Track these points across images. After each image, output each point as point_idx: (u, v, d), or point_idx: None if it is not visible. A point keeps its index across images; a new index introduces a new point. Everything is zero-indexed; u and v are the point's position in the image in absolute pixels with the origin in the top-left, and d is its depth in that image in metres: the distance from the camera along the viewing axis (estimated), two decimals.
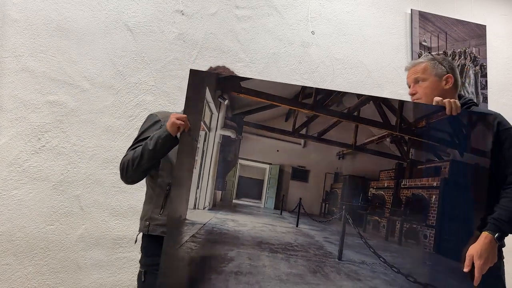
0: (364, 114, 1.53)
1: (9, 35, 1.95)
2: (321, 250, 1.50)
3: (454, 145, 1.53)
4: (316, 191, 1.54)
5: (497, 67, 3.39)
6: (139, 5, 2.23)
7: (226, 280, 1.37)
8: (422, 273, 1.47)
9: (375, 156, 1.54)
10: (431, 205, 1.52)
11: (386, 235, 1.54)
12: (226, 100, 1.52)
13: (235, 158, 1.52)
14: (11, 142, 1.93)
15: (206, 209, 1.51)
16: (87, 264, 2.04)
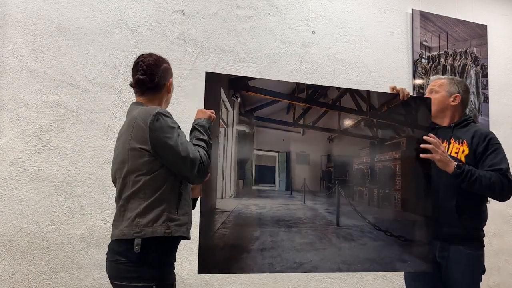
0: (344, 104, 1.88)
1: (10, 35, 1.95)
2: (324, 220, 1.81)
3: (407, 124, 1.92)
4: (315, 171, 1.84)
5: (498, 67, 3.39)
6: (140, 5, 2.23)
7: (254, 257, 1.64)
8: (395, 228, 1.85)
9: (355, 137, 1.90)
10: (396, 173, 1.90)
11: (368, 201, 1.89)
12: (239, 98, 1.74)
13: (251, 150, 1.77)
14: (12, 142, 1.93)
15: (232, 197, 1.74)
16: (88, 264, 2.04)
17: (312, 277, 2.60)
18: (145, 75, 1.58)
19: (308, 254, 1.72)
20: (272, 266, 1.67)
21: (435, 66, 3.08)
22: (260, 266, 1.65)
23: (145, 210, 1.49)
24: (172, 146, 1.47)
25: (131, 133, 1.52)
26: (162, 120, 1.48)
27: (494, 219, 3.28)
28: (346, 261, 1.76)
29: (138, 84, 1.59)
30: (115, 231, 1.58)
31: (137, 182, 1.51)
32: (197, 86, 2.31)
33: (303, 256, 1.71)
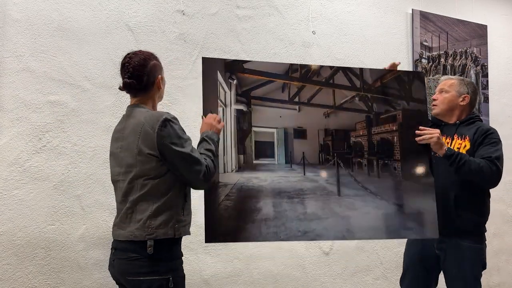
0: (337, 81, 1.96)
1: (10, 35, 1.95)
2: (324, 190, 1.87)
3: (401, 98, 2.00)
4: (313, 145, 1.91)
5: (498, 67, 3.39)
6: (140, 5, 2.23)
7: (259, 227, 1.70)
8: (397, 197, 1.91)
9: (350, 112, 1.97)
10: (394, 144, 1.96)
11: (368, 171, 1.95)
12: (235, 80, 1.84)
13: (249, 127, 1.85)
14: (12, 142, 1.93)
15: (234, 171, 1.82)
16: (88, 264, 2.04)
17: (312, 277, 2.60)
18: (132, 78, 1.59)
19: (311, 223, 1.76)
20: (277, 235, 1.72)
21: (435, 66, 3.08)
22: (265, 235, 1.70)
23: (156, 213, 1.55)
24: (179, 152, 1.51)
25: (139, 138, 1.55)
26: (169, 126, 1.52)
27: (494, 219, 3.28)
28: (350, 230, 1.80)
29: (127, 88, 1.61)
30: (120, 231, 1.62)
31: (145, 185, 1.56)
32: (197, 86, 2.31)
33: (307, 225, 1.76)
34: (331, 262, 2.67)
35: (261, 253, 2.46)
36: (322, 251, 2.64)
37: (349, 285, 2.71)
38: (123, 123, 1.67)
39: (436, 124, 2.02)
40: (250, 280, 2.43)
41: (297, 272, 2.56)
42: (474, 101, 2.07)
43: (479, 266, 1.95)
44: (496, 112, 3.32)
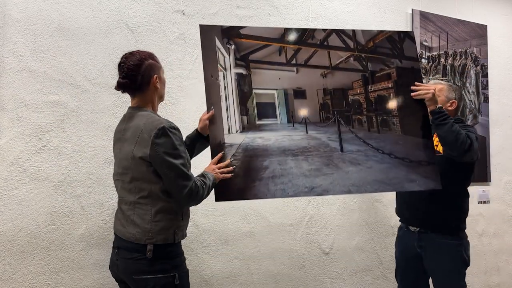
0: (332, 43, 2.05)
1: (10, 35, 1.95)
2: (328, 147, 1.92)
3: (394, 56, 2.09)
4: (313, 104, 1.98)
5: (498, 67, 3.39)
6: (140, 5, 2.23)
7: (267, 184, 1.76)
8: (398, 151, 1.96)
9: (346, 71, 2.05)
10: (391, 100, 2.04)
11: (368, 127, 2.02)
12: (232, 45, 1.91)
13: (250, 89, 1.91)
14: (12, 142, 1.93)
15: (238, 132, 1.87)
16: (88, 264, 2.04)
17: (311, 277, 2.60)
18: (126, 78, 1.60)
19: (317, 179, 1.81)
20: (285, 192, 1.76)
21: (435, 66, 3.08)
22: (273, 192, 1.74)
23: (155, 218, 1.56)
24: (169, 162, 1.52)
25: (136, 141, 1.56)
26: (166, 135, 1.51)
27: (494, 219, 3.28)
28: (355, 184, 1.84)
29: (121, 88, 1.62)
30: (121, 229, 1.64)
31: (143, 189, 1.57)
32: (197, 86, 2.31)
33: (313, 181, 1.80)
34: (331, 262, 2.67)
35: (261, 253, 2.47)
36: (322, 251, 2.64)
37: (349, 285, 2.72)
38: (123, 123, 1.67)
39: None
40: (250, 280, 2.43)
41: (297, 272, 2.56)
42: (459, 107, 2.20)
43: (457, 261, 2.01)
44: (496, 112, 3.32)
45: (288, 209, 2.56)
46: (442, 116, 1.93)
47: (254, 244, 2.45)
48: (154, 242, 1.55)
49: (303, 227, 2.59)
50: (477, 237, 3.19)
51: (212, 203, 2.34)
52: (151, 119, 1.56)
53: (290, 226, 2.56)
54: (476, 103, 3.23)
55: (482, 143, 3.23)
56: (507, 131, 3.38)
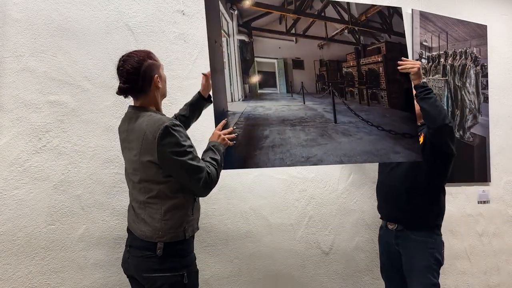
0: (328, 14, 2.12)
1: (10, 35, 1.95)
2: (323, 118, 1.99)
3: (384, 31, 2.19)
4: (310, 75, 2.04)
5: (498, 67, 3.39)
6: (140, 5, 2.23)
7: (267, 153, 1.81)
8: (385, 123, 2.04)
9: (341, 44, 2.12)
10: (380, 74, 2.12)
11: (359, 100, 2.10)
12: (235, 10, 1.95)
13: (252, 57, 1.96)
14: (12, 142, 1.93)
15: (240, 100, 1.91)
16: (88, 264, 2.04)
17: (311, 277, 2.60)
18: (127, 83, 1.59)
19: (313, 149, 1.88)
20: (283, 161, 1.81)
21: (435, 66, 3.08)
22: (273, 161, 1.80)
23: (165, 217, 1.57)
24: (178, 161, 1.52)
25: (141, 145, 1.57)
26: (170, 134, 1.51)
27: (494, 219, 3.28)
28: (347, 154, 1.91)
29: (123, 93, 1.62)
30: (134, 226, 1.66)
31: (151, 189, 1.58)
32: (197, 86, 2.31)
33: (309, 151, 1.87)
34: (331, 262, 2.67)
35: (261, 253, 2.47)
36: (322, 251, 2.64)
37: (349, 285, 2.72)
38: (126, 123, 1.68)
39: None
40: (250, 280, 2.43)
41: (297, 272, 2.56)
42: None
43: (430, 260, 2.07)
44: (496, 112, 3.32)
45: (288, 209, 2.55)
46: (426, 90, 2.02)
47: (254, 244, 2.45)
48: (164, 241, 1.56)
49: (303, 227, 2.59)
50: (477, 237, 3.19)
51: (212, 203, 2.35)
52: (153, 119, 1.56)
53: (290, 226, 2.56)
54: (476, 103, 3.23)
55: (482, 143, 3.23)
56: (507, 131, 3.38)
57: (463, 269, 3.12)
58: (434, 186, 2.13)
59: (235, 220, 2.41)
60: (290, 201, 2.56)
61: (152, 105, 1.66)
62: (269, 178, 2.50)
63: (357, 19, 2.17)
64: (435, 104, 1.99)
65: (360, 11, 2.20)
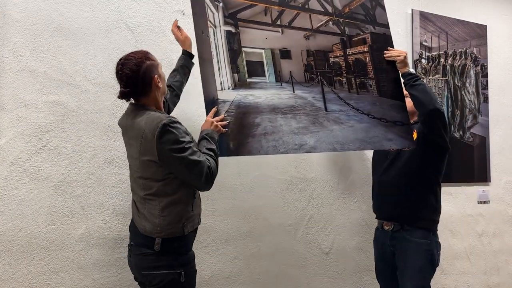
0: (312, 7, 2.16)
1: (10, 35, 1.95)
2: (313, 106, 2.01)
3: (368, 22, 2.24)
4: (298, 64, 2.07)
5: (498, 67, 3.39)
6: (139, 5, 2.23)
7: (259, 141, 1.81)
8: (375, 111, 2.07)
9: (327, 35, 2.16)
10: (367, 64, 2.16)
11: (348, 88, 2.13)
12: (221, 2, 1.97)
13: (239, 47, 1.97)
14: (12, 142, 1.93)
15: (230, 89, 1.92)
16: (88, 264, 2.04)
17: (312, 277, 2.60)
18: (128, 87, 1.60)
19: (305, 136, 1.89)
20: (276, 149, 1.82)
21: (435, 66, 3.08)
22: (266, 149, 1.80)
23: (163, 213, 1.58)
24: (178, 158, 1.52)
25: (140, 144, 1.58)
26: (168, 131, 1.52)
27: (494, 219, 3.28)
28: (339, 142, 1.93)
29: (125, 97, 1.63)
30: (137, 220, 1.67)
31: (151, 187, 1.60)
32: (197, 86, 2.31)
33: (301, 139, 1.88)
34: (331, 262, 2.67)
35: (261, 253, 2.47)
36: (322, 251, 2.64)
37: (349, 285, 2.72)
38: (125, 118, 1.69)
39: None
40: (250, 280, 2.43)
41: (297, 272, 2.56)
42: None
43: (424, 261, 2.07)
44: (496, 112, 3.32)
45: (288, 209, 2.55)
46: (414, 77, 2.05)
47: (254, 244, 2.45)
48: (162, 236, 1.57)
49: (303, 227, 2.59)
50: (477, 237, 3.19)
51: (212, 203, 2.35)
52: (151, 118, 1.57)
53: (290, 226, 2.56)
54: (476, 103, 3.23)
55: (482, 143, 3.23)
56: (507, 131, 3.38)
57: (463, 269, 3.12)
58: (431, 181, 2.14)
59: (235, 220, 2.41)
60: (290, 201, 2.56)
61: (152, 104, 1.67)
62: (269, 178, 2.50)
63: (340, 11, 2.22)
64: (425, 89, 2.02)
65: (344, 3, 2.24)
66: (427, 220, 2.12)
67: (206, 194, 2.32)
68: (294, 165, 2.57)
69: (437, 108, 1.99)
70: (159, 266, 1.57)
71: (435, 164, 2.13)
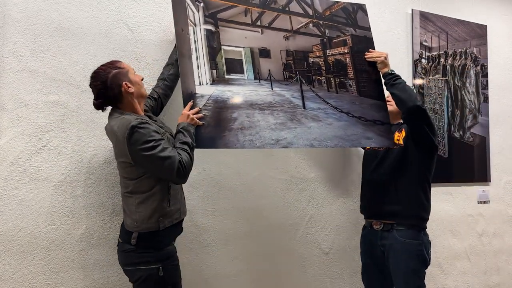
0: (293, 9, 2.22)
1: (10, 35, 1.95)
2: (291, 104, 2.05)
3: (349, 25, 2.31)
4: (277, 63, 2.12)
5: (498, 67, 3.39)
6: (139, 5, 2.23)
7: (236, 135, 1.85)
8: (354, 110, 2.12)
9: (306, 36, 2.21)
10: (347, 64, 2.22)
11: (327, 87, 2.17)
12: (201, 3, 2.05)
13: (219, 45, 2.04)
14: (12, 142, 1.93)
15: (208, 84, 1.97)
16: (88, 264, 2.04)
17: (312, 277, 2.60)
18: (99, 98, 1.72)
19: (282, 132, 1.92)
20: (253, 143, 1.85)
21: (435, 66, 3.08)
22: (242, 143, 1.83)
23: (138, 209, 1.68)
24: (148, 156, 1.60)
25: (115, 147, 1.73)
26: (137, 133, 1.60)
27: (494, 219, 3.28)
28: (317, 138, 1.95)
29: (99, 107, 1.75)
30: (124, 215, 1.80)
31: (128, 185, 1.72)
32: None
33: (278, 134, 1.91)
34: (330, 262, 2.67)
35: (261, 253, 2.47)
36: (322, 251, 2.64)
37: (349, 285, 2.72)
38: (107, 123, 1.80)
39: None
40: (250, 280, 2.43)
41: (297, 272, 2.57)
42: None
43: (417, 261, 2.09)
44: (496, 112, 3.32)
45: (288, 209, 2.55)
46: (395, 76, 2.11)
47: (254, 244, 2.45)
48: (139, 231, 1.67)
49: (303, 227, 2.59)
50: (477, 237, 3.19)
51: (212, 203, 2.35)
52: (122, 121, 1.66)
53: (290, 226, 2.56)
54: (476, 103, 3.23)
55: (482, 143, 3.23)
56: (507, 131, 3.38)
57: (463, 269, 3.12)
58: (420, 179, 2.15)
59: (235, 220, 2.41)
60: (290, 201, 2.56)
61: (128, 109, 1.75)
62: (269, 178, 2.50)
63: (321, 14, 2.27)
64: (404, 88, 2.06)
65: (324, 7, 2.28)
66: (417, 218, 2.14)
67: (206, 194, 2.33)
68: (294, 165, 2.57)
69: (417, 105, 2.01)
70: (138, 262, 1.66)
71: (424, 162, 2.15)
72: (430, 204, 2.20)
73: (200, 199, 2.32)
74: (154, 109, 2.02)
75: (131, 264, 1.69)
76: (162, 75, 2.11)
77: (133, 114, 1.72)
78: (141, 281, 1.66)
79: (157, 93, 2.04)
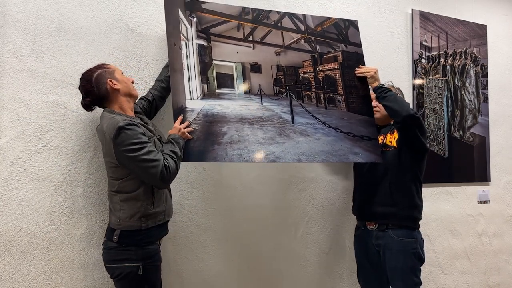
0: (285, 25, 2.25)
1: (10, 35, 1.95)
2: (280, 118, 2.07)
3: (340, 41, 2.33)
4: (268, 78, 2.14)
5: (498, 67, 3.39)
6: (139, 5, 2.23)
7: (225, 148, 1.87)
8: (343, 125, 2.14)
9: (297, 51, 2.23)
10: (337, 80, 2.24)
11: (316, 103, 2.19)
12: (195, 18, 2.06)
13: (210, 60, 2.06)
14: (12, 142, 1.93)
15: (199, 98, 1.99)
16: (88, 264, 2.04)
17: (312, 277, 2.60)
18: (87, 97, 1.77)
19: (271, 147, 1.95)
20: (241, 157, 1.87)
21: (435, 66, 3.08)
22: (231, 157, 1.85)
23: (122, 207, 1.72)
24: (132, 157, 1.63)
25: (103, 146, 1.76)
26: (123, 134, 1.62)
27: (494, 219, 3.28)
28: (305, 153, 1.97)
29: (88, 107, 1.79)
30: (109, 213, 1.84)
31: (114, 185, 1.75)
32: None
33: (267, 149, 1.93)
34: (331, 262, 2.67)
35: (261, 253, 2.47)
36: (322, 251, 2.64)
37: (349, 285, 2.72)
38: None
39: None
40: (250, 280, 2.43)
41: (297, 272, 2.56)
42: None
43: (413, 259, 2.12)
44: (496, 112, 3.33)
45: (288, 209, 2.55)
46: (385, 89, 2.14)
47: (254, 244, 2.45)
48: (121, 228, 1.70)
49: (303, 227, 2.59)
50: (477, 237, 3.19)
51: (212, 203, 2.35)
52: (111, 121, 1.68)
53: (290, 226, 2.56)
54: (476, 103, 3.23)
55: (482, 143, 3.23)
56: (507, 131, 3.38)
57: (463, 269, 3.12)
58: (412, 180, 2.17)
59: (235, 220, 2.41)
60: (290, 201, 2.56)
61: (117, 107, 1.78)
62: (269, 177, 2.50)
63: (313, 30, 2.29)
64: (396, 99, 2.07)
65: (316, 23, 2.31)
66: (410, 217, 2.16)
67: (206, 194, 2.33)
68: (294, 165, 2.57)
69: (410, 114, 2.03)
70: (119, 259, 1.69)
71: (415, 163, 2.18)
72: (422, 203, 2.23)
73: (200, 199, 2.32)
74: (148, 111, 2.02)
75: (112, 261, 1.71)
76: (160, 76, 2.12)
77: (123, 115, 1.75)
78: (120, 278, 1.69)
79: (152, 95, 2.05)
